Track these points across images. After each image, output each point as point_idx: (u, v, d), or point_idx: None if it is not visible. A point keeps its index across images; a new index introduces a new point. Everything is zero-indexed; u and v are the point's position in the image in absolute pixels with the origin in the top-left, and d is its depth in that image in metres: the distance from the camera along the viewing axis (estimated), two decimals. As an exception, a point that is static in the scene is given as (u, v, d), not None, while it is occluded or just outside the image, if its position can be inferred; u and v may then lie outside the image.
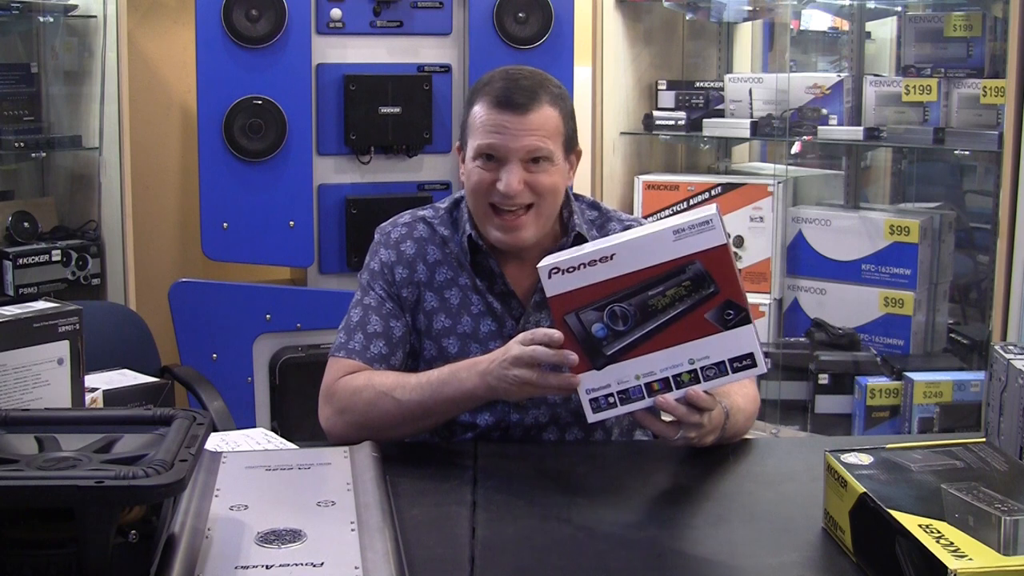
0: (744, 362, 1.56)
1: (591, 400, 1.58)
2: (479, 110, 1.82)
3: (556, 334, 1.57)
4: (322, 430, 1.82)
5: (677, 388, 1.56)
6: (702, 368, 1.56)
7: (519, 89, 1.80)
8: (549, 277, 1.55)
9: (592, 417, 1.59)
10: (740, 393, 1.80)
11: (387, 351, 1.85)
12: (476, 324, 1.87)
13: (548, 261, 1.56)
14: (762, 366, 1.56)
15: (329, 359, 1.87)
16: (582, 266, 1.54)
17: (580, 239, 1.85)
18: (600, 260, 1.54)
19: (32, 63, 3.33)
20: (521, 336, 1.64)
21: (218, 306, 3.24)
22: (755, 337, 1.56)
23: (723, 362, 1.56)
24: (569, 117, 1.86)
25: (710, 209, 1.54)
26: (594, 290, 1.54)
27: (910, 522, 1.22)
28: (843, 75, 3.56)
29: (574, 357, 1.56)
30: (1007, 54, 2.95)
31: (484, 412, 1.85)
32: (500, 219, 1.81)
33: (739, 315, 1.54)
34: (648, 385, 1.56)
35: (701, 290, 1.53)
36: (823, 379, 3.39)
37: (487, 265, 1.88)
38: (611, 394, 1.57)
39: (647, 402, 1.57)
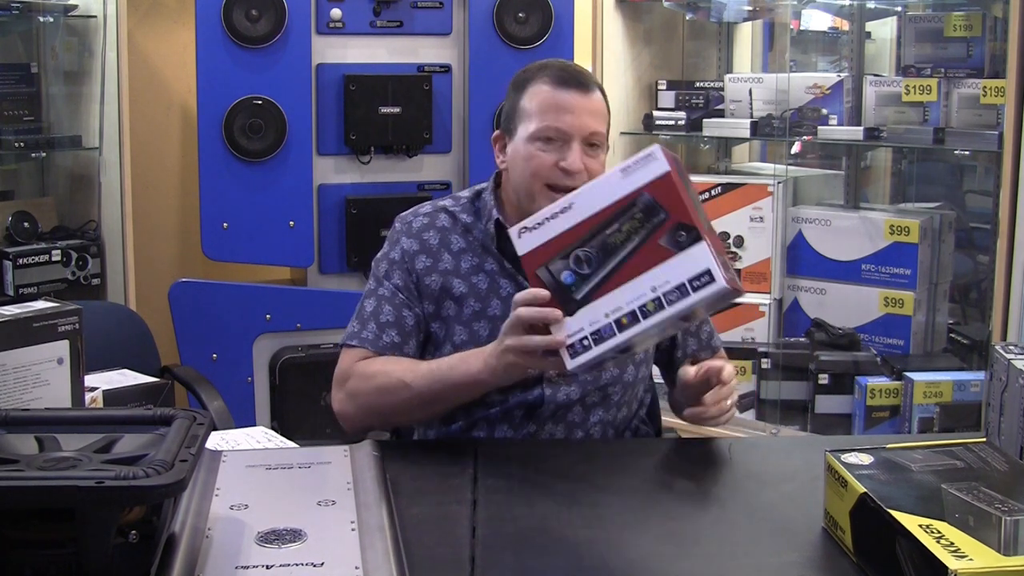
0: (703, 279, 1.54)
1: (568, 347, 1.58)
2: (538, 91, 1.83)
3: (540, 292, 1.59)
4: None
5: (644, 319, 1.56)
6: (664, 294, 1.55)
7: (578, 71, 1.86)
8: (519, 236, 1.61)
9: (571, 363, 1.58)
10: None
11: (399, 340, 1.87)
12: (505, 307, 1.86)
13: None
14: (720, 280, 1.52)
15: (342, 349, 1.90)
16: (545, 220, 1.60)
17: None
18: (561, 212, 1.59)
19: (32, 63, 3.33)
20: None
21: (218, 306, 3.25)
22: (709, 253, 1.54)
23: (683, 284, 1.55)
24: (609, 113, 1.90)
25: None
26: (559, 241, 1.59)
27: (910, 522, 1.22)
28: (843, 75, 3.55)
29: (558, 312, 1.58)
30: (1007, 54, 2.95)
31: (515, 389, 1.85)
32: (556, 196, 1.77)
33: (690, 235, 1.54)
34: (617, 321, 1.56)
35: (653, 219, 1.55)
36: (823, 379, 3.38)
37: (513, 249, 1.88)
38: (585, 337, 1.57)
39: (619, 338, 1.56)
